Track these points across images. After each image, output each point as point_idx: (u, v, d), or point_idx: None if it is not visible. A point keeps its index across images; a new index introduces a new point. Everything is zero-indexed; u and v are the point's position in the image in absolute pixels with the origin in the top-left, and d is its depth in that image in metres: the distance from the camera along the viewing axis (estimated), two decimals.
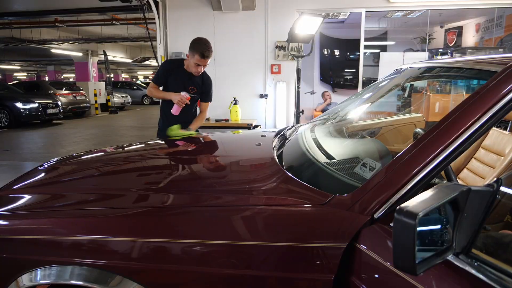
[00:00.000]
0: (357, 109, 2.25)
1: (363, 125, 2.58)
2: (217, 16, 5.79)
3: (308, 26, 4.20)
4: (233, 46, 5.82)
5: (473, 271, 0.74)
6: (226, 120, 5.49)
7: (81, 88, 15.13)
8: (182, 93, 2.83)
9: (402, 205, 0.64)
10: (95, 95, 16.43)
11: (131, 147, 2.34)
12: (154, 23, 5.88)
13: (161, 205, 1.30)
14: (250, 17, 5.74)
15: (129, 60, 19.90)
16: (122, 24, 11.62)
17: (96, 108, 16.39)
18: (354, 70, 7.77)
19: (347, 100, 2.43)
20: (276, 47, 5.69)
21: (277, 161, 1.55)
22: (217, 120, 5.51)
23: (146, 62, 20.28)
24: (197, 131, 2.98)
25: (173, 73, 2.90)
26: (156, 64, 6.02)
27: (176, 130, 2.65)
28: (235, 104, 5.45)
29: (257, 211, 1.18)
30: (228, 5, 5.56)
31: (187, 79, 2.89)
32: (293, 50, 4.92)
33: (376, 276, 0.96)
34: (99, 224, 1.22)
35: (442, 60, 1.93)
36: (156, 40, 5.94)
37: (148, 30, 5.91)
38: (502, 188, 1.18)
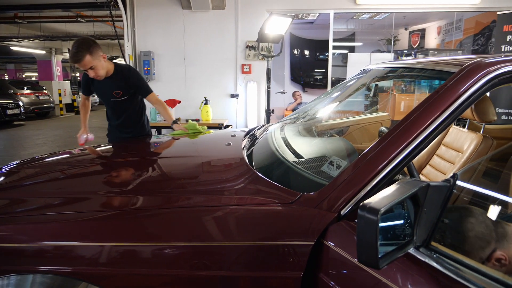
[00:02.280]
0: (325, 108, 2.29)
1: (331, 124, 2.63)
2: (187, 15, 5.72)
3: (278, 26, 4.23)
4: (204, 45, 5.77)
5: (432, 263, 0.78)
6: (197, 120, 5.43)
7: (44, 87, 14.47)
8: (82, 136, 2.73)
9: (365, 201, 0.66)
10: (60, 95, 15.78)
11: (98, 149, 2.26)
12: (122, 21, 5.73)
13: (130, 208, 1.27)
14: (220, 16, 5.71)
15: None
16: (88, 22, 11.22)
17: (61, 109, 15.75)
18: (323, 70, 7.93)
19: (316, 99, 2.47)
20: (247, 47, 5.69)
21: (247, 161, 1.55)
22: (187, 120, 5.43)
23: (114, 61, 19.70)
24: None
25: (94, 82, 2.63)
26: (124, 63, 5.86)
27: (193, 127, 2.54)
28: (206, 104, 5.40)
29: (226, 212, 1.18)
30: (197, 4, 5.51)
31: (108, 86, 2.61)
32: (264, 50, 4.95)
33: (343, 271, 0.99)
34: (63, 229, 1.17)
35: (405, 61, 2.00)
36: (123, 39, 5.79)
37: (115, 28, 5.75)
38: (458, 182, 1.24)
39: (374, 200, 0.66)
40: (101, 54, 2.42)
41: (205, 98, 5.43)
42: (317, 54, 9.18)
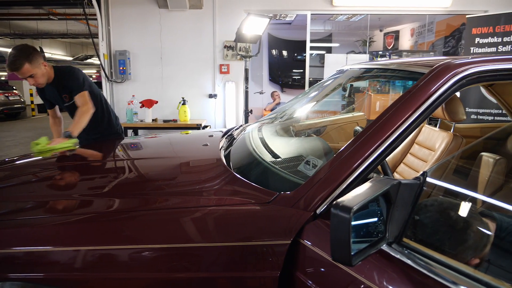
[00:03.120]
0: (302, 108, 2.31)
1: (308, 124, 2.66)
2: (164, 14, 5.64)
3: (255, 27, 4.24)
4: (181, 45, 5.71)
5: (404, 259, 0.80)
6: (175, 121, 5.37)
7: (14, 87, 13.93)
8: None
9: (338, 200, 0.67)
10: (31, 95, 15.23)
11: (70, 152, 2.20)
12: (96, 19, 5.59)
13: (106, 211, 1.24)
14: (197, 16, 5.66)
15: (70, 58, 18.69)
16: (61, 20, 10.86)
17: (33, 109, 15.22)
18: (301, 70, 7.99)
19: (293, 99, 2.49)
20: (225, 47, 5.67)
21: (224, 162, 1.54)
22: (165, 121, 5.36)
23: (89, 60, 19.19)
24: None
25: (45, 92, 2.53)
26: (99, 62, 5.72)
27: (42, 144, 2.08)
28: (183, 104, 5.34)
29: (204, 213, 1.17)
30: (174, 3, 5.44)
31: (54, 92, 2.48)
32: (241, 50, 4.94)
33: (319, 269, 1.00)
34: (35, 234, 1.13)
35: (379, 62, 2.05)
36: (98, 38, 5.65)
37: (89, 26, 5.60)
38: (430, 180, 1.28)
39: (346, 198, 0.67)
40: (41, 61, 2.31)
41: (182, 98, 5.38)
42: (295, 54, 9.27)
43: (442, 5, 5.61)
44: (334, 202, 0.67)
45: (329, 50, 9.35)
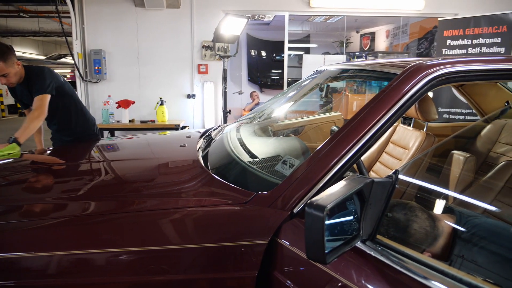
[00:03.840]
0: (280, 108, 2.33)
1: (286, 124, 2.68)
2: (140, 13, 5.55)
3: (233, 27, 4.23)
4: (158, 44, 5.62)
5: (377, 255, 0.82)
6: (152, 121, 5.29)
7: None
8: None
9: (312, 199, 0.68)
10: (1, 95, 14.67)
11: (44, 153, 2.13)
12: (69, 17, 5.43)
13: (81, 214, 1.21)
14: (175, 15, 5.60)
15: (43, 57, 18.07)
16: (32, 17, 10.50)
17: (3, 110, 14.66)
18: (280, 70, 8.04)
19: (271, 99, 2.50)
20: (203, 46, 5.63)
21: (202, 162, 1.53)
22: (142, 121, 5.27)
23: (63, 60, 18.61)
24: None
25: (16, 92, 2.48)
26: (73, 62, 5.56)
27: None
28: (161, 104, 5.27)
29: (181, 214, 1.16)
30: (151, 2, 5.36)
31: (26, 92, 2.41)
32: (220, 50, 4.92)
33: (296, 268, 1.01)
34: (6, 240, 1.09)
35: (355, 63, 2.08)
36: (72, 36, 5.49)
37: (62, 24, 5.43)
38: (404, 177, 1.31)
39: (320, 197, 0.68)
40: (15, 61, 2.26)
41: (160, 98, 5.30)
42: (274, 55, 9.31)
43: (415, 8, 5.77)
44: (308, 202, 0.68)
45: (307, 50, 9.44)
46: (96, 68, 5.44)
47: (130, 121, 5.24)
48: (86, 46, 5.56)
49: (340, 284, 0.87)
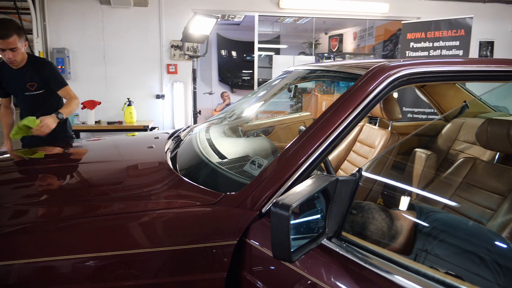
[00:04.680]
0: (250, 108, 2.33)
1: (256, 124, 2.69)
2: (106, 11, 5.39)
3: (202, 27, 4.20)
4: (126, 43, 5.48)
5: (343, 252, 0.84)
6: (120, 123, 5.14)
7: None
8: None
9: (278, 198, 0.68)
10: None
11: (6, 155, 2.02)
12: (29, 13, 5.19)
13: (44, 220, 1.15)
14: (143, 14, 5.48)
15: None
16: None
17: None
18: (251, 71, 8.06)
19: (241, 99, 2.50)
20: (172, 46, 5.55)
21: (170, 164, 1.51)
22: (109, 123, 5.12)
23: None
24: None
25: (4, 75, 2.42)
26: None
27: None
28: (129, 105, 5.14)
29: (148, 217, 1.13)
30: (117, 0, 5.22)
31: (21, 77, 2.39)
32: (189, 50, 4.86)
33: (265, 268, 1.01)
34: None
35: (322, 64, 2.12)
36: (32, 34, 5.24)
37: (21, 21, 5.17)
38: (367, 174, 1.35)
39: (286, 196, 0.69)
40: (25, 41, 2.34)
41: (128, 99, 5.17)
42: (244, 55, 9.32)
43: (380, 11, 5.96)
44: (274, 201, 0.68)
45: (277, 51, 9.52)
46: (60, 67, 5.22)
47: (96, 122, 5.08)
48: (48, 44, 5.33)
49: (309, 282, 0.88)
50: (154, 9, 5.50)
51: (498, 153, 2.02)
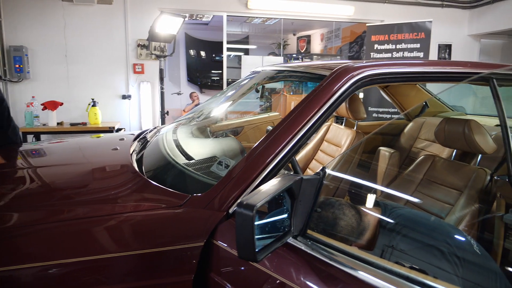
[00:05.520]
0: (219, 109, 2.32)
1: (225, 124, 2.68)
2: (68, 8, 5.17)
3: (169, 26, 4.13)
4: (89, 42, 5.29)
5: (308, 250, 0.85)
6: (84, 124, 4.95)
7: None
8: None
9: (242, 198, 0.68)
10: None
11: None
12: None
13: (3, 226, 1.09)
14: (107, 11, 5.30)
15: None
16: None
17: None
18: (220, 71, 8.02)
19: (209, 100, 2.48)
20: (138, 45, 5.41)
21: (135, 166, 1.47)
22: (72, 124, 4.92)
23: None
24: None
25: None
26: None
27: None
28: (93, 105, 4.96)
29: (113, 221, 1.10)
30: None
31: None
32: (156, 50, 4.77)
33: (233, 269, 1.01)
34: None
35: (289, 64, 2.15)
36: None
37: None
38: (333, 173, 1.37)
39: (250, 196, 0.69)
40: None
41: (92, 99, 4.99)
42: (213, 55, 9.26)
43: (346, 14, 6.11)
44: (238, 201, 0.68)
45: (247, 51, 9.53)
46: (17, 66, 4.96)
47: (58, 124, 4.86)
48: (4, 42, 5.05)
49: (277, 281, 0.88)
50: (119, 7, 5.34)
51: (455, 150, 2.13)
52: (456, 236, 1.14)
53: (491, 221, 1.51)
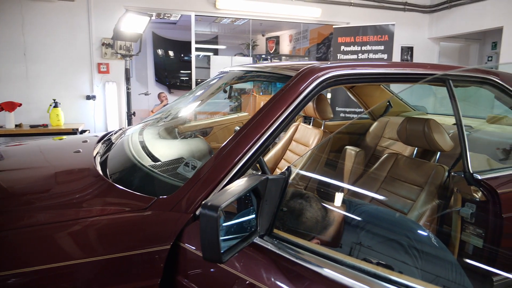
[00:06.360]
0: (186, 109, 2.29)
1: (193, 125, 2.65)
2: (26, 4, 4.92)
3: (135, 25, 4.03)
4: (50, 40, 5.05)
5: (274, 249, 0.85)
6: (45, 126, 4.74)
7: None
8: None
9: (207, 199, 0.68)
10: None
11: None
12: None
13: None
14: (69, 8, 5.10)
15: None
16: None
17: None
18: (189, 71, 7.93)
19: (176, 100, 2.44)
20: (103, 44, 5.24)
21: (99, 169, 1.42)
22: (32, 126, 4.69)
23: None
24: None
25: None
26: None
27: None
28: (55, 106, 4.75)
29: (76, 226, 1.06)
30: None
31: None
32: (122, 49, 4.64)
33: (200, 271, 1.00)
34: None
35: (256, 65, 2.16)
36: None
37: None
38: (301, 172, 1.39)
39: (214, 197, 0.68)
40: None
41: (54, 100, 4.78)
42: (182, 55, 9.13)
43: (313, 15, 6.22)
44: (203, 202, 0.68)
45: (216, 52, 9.48)
46: None
47: (17, 126, 4.62)
48: None
49: (245, 282, 0.88)
50: (82, 4, 5.15)
51: (417, 148, 2.22)
52: (415, 230, 1.19)
53: (449, 214, 1.59)
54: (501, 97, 1.73)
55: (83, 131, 4.95)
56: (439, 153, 2.01)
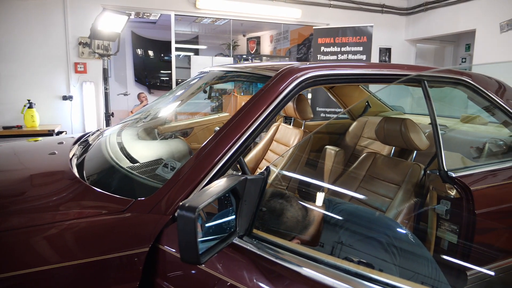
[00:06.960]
0: (166, 110, 2.26)
1: (174, 126, 2.62)
2: None
3: (113, 24, 3.95)
4: (24, 38, 4.89)
5: (254, 249, 0.85)
6: (19, 127, 4.58)
7: None
8: None
9: (184, 200, 0.67)
10: None
11: None
12: None
13: None
14: (44, 6, 4.95)
15: None
16: None
17: None
18: (169, 71, 7.84)
19: (156, 100, 2.41)
20: (80, 43, 5.11)
21: (75, 171, 1.38)
22: (5, 128, 4.53)
23: None
24: None
25: None
26: None
27: None
28: (30, 107, 4.60)
29: (52, 230, 1.03)
30: None
31: None
32: (100, 48, 4.53)
33: (179, 273, 0.99)
34: None
35: (236, 65, 2.15)
36: None
37: None
38: (282, 172, 1.40)
39: (192, 198, 0.68)
40: None
41: (28, 100, 4.63)
42: (162, 55, 9.02)
43: (293, 16, 6.26)
44: (180, 204, 0.67)
45: (196, 52, 9.41)
46: None
47: None
48: None
49: (228, 284, 0.88)
50: (57, 2, 5.01)
51: (394, 147, 2.27)
52: (393, 228, 1.22)
53: (426, 211, 1.63)
54: (474, 98, 1.79)
55: (59, 132, 4.82)
56: (415, 152, 2.06)
